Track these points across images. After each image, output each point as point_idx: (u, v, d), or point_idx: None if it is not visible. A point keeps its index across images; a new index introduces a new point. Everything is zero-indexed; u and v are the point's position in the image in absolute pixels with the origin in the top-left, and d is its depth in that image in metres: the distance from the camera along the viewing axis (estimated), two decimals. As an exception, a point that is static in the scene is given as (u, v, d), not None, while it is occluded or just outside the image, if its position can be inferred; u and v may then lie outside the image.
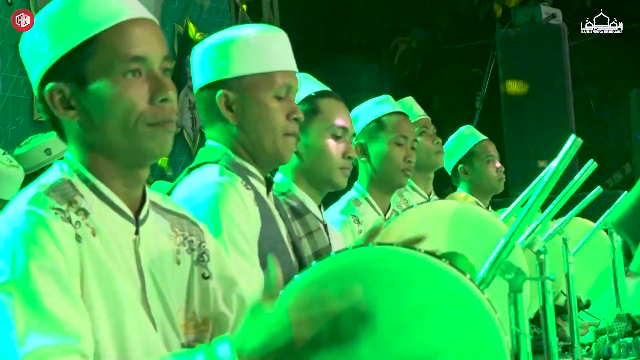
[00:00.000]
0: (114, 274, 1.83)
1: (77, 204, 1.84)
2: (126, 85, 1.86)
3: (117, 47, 1.86)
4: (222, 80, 2.57)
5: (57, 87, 1.87)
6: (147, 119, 1.86)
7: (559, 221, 3.30)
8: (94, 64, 1.85)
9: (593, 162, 2.53)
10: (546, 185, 1.90)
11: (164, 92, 1.87)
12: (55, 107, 1.88)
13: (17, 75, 7.22)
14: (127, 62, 1.86)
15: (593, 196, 3.40)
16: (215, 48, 2.58)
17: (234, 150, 2.60)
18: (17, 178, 4.23)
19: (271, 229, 2.56)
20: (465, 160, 5.24)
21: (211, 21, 9.92)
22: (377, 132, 3.86)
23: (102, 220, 1.86)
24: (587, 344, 3.65)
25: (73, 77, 1.87)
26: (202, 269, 2.05)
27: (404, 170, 3.82)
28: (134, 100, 1.85)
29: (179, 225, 2.04)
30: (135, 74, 1.87)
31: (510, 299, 1.89)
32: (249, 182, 2.55)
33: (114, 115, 1.85)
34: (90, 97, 1.86)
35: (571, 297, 3.25)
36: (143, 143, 1.87)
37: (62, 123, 1.92)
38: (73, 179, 1.89)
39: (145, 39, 1.89)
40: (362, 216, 3.73)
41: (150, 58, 1.88)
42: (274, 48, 2.59)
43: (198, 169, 2.59)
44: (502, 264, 1.89)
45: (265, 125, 2.57)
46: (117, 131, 1.86)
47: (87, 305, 1.78)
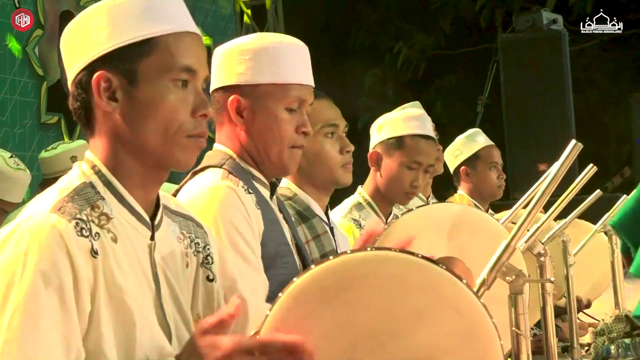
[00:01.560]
0: (130, 283, 1.84)
1: (99, 209, 1.85)
2: (175, 92, 1.89)
3: (174, 53, 1.89)
4: (237, 85, 2.58)
5: (106, 76, 1.88)
6: (187, 130, 1.89)
7: (559, 224, 3.31)
8: (148, 64, 1.88)
9: (593, 166, 2.51)
10: (547, 189, 1.92)
11: (205, 107, 1.91)
12: (100, 95, 1.88)
13: (25, 78, 7.23)
14: (180, 70, 1.89)
15: (593, 199, 3.42)
16: (235, 52, 2.58)
17: (240, 155, 2.61)
18: (24, 181, 4.25)
19: (275, 232, 2.57)
20: (469, 163, 5.21)
21: (216, 26, 9.95)
22: (394, 149, 3.82)
23: (122, 225, 1.88)
24: (586, 345, 3.67)
25: (124, 70, 1.88)
26: (207, 272, 2.06)
27: (407, 193, 3.80)
28: (179, 109, 1.89)
29: (186, 227, 2.06)
30: (183, 84, 1.90)
31: (511, 301, 1.92)
32: (252, 186, 2.56)
33: (157, 118, 1.87)
34: (137, 95, 1.88)
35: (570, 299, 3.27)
36: (175, 152, 1.89)
37: (96, 113, 1.92)
38: (94, 180, 1.89)
39: (198, 55, 1.93)
40: (363, 221, 3.73)
41: (199, 73, 1.92)
42: (292, 60, 2.59)
43: (201, 173, 2.59)
44: (503, 267, 1.91)
45: (273, 136, 2.57)
46: (156, 134, 1.88)
47: (97, 318, 1.80)
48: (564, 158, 1.89)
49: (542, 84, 10.27)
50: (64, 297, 1.75)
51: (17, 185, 4.21)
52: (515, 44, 10.49)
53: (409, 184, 3.78)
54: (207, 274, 2.06)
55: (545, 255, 2.62)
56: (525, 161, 10.13)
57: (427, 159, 3.83)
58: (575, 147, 1.88)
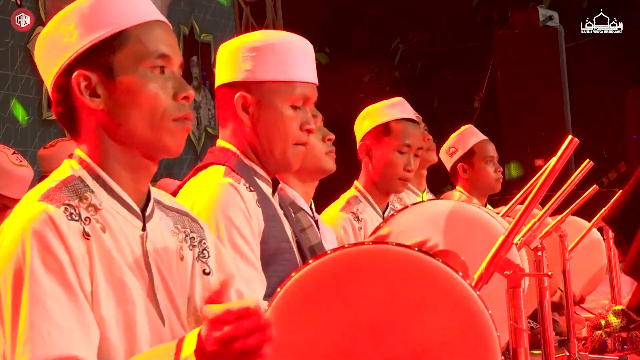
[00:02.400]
0: (124, 269, 1.88)
1: (87, 200, 1.89)
2: (153, 79, 1.93)
3: (146, 42, 1.94)
4: (243, 82, 2.59)
5: (84, 74, 1.92)
6: (172, 113, 1.93)
7: (556, 219, 3.33)
8: (122, 56, 1.92)
9: (589, 162, 2.51)
10: (543, 184, 1.93)
11: (186, 90, 1.96)
12: (82, 94, 1.92)
13: (27, 75, 7.24)
14: (155, 57, 1.93)
15: (589, 194, 3.44)
16: (241, 49, 2.60)
17: (244, 151, 2.63)
18: (27, 177, 4.25)
19: (276, 229, 2.58)
20: (465, 159, 5.23)
21: (216, 22, 9.96)
22: (382, 136, 3.85)
23: (112, 216, 1.91)
24: (582, 339, 3.69)
25: (100, 67, 1.92)
26: (203, 265, 2.08)
27: (402, 178, 3.82)
28: (160, 95, 1.93)
29: (180, 222, 2.08)
30: (161, 70, 1.95)
31: (509, 295, 1.92)
32: (254, 183, 2.58)
33: (140, 106, 1.92)
34: (117, 88, 1.92)
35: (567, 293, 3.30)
36: (164, 138, 1.93)
37: (81, 114, 1.96)
38: (83, 175, 1.93)
39: (169, 41, 1.98)
40: (361, 214, 3.76)
41: (173, 59, 1.97)
42: (298, 57, 2.60)
43: (204, 170, 2.61)
44: (500, 261, 1.92)
45: (278, 133, 2.59)
46: (142, 123, 1.92)
47: (97, 301, 1.83)
48: (560, 154, 1.90)
49: (538, 80, 10.29)
50: (67, 278, 1.79)
51: (20, 181, 4.21)
52: (511, 40, 10.51)
53: (402, 168, 3.80)
54: (204, 267, 2.08)
55: (542, 249, 2.65)
56: (521, 157, 10.16)
57: (415, 141, 3.85)
58: (572, 142, 1.89)
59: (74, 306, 1.78)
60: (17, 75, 7.13)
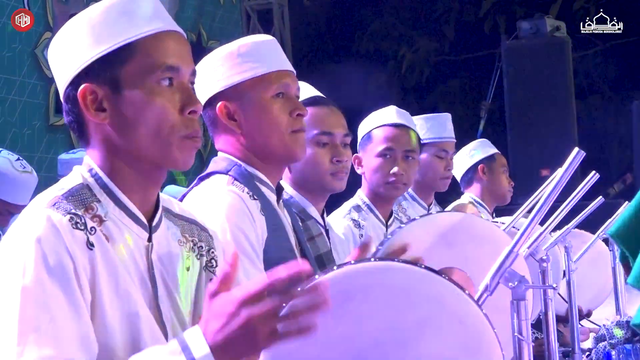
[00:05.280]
0: (128, 280, 1.87)
1: (93, 211, 1.88)
2: (160, 93, 1.89)
3: (154, 55, 1.90)
4: (219, 93, 2.59)
5: (90, 88, 1.90)
6: (180, 130, 1.90)
7: (561, 231, 3.32)
8: (129, 69, 1.89)
9: (595, 174, 2.51)
10: (549, 196, 1.92)
11: (193, 104, 1.92)
12: (87, 108, 1.90)
13: (34, 80, 7.25)
14: (162, 70, 1.89)
15: (594, 206, 3.43)
16: (207, 65, 2.61)
17: (245, 159, 2.62)
18: (30, 184, 4.27)
19: (280, 238, 2.57)
20: (487, 162, 5.21)
21: (223, 30, 9.98)
22: (367, 144, 3.86)
23: (117, 227, 1.90)
24: (587, 350, 3.71)
25: (107, 80, 1.89)
26: (210, 275, 2.07)
27: (390, 183, 3.78)
28: (167, 109, 1.89)
29: (189, 231, 2.07)
30: (169, 83, 1.91)
31: (513, 306, 1.91)
32: (257, 192, 2.57)
33: (147, 122, 1.89)
34: (124, 102, 1.89)
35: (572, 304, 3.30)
36: (173, 152, 1.90)
37: (89, 125, 1.94)
38: (91, 183, 1.92)
39: (179, 51, 1.94)
40: (363, 222, 3.75)
41: (182, 70, 1.92)
42: (263, 52, 2.61)
43: (207, 179, 2.61)
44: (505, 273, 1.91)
45: (269, 126, 2.58)
46: (149, 138, 1.89)
47: (101, 310, 1.82)
48: (567, 167, 1.88)
49: (545, 90, 10.30)
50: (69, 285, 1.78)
51: (23, 188, 4.22)
52: (518, 50, 10.53)
53: (387, 172, 3.76)
54: (211, 277, 2.06)
55: (547, 261, 2.65)
56: (527, 166, 10.15)
57: (398, 144, 3.81)
58: (578, 155, 1.87)
59: (75, 314, 1.78)
60: (24, 80, 7.14)
